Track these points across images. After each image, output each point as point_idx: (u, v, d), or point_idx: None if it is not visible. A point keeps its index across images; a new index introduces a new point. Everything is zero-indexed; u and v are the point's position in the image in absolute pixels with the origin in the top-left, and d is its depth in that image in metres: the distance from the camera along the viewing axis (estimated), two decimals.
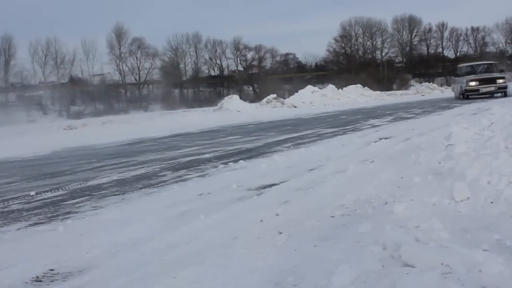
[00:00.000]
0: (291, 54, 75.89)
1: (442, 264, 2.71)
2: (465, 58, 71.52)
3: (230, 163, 7.88)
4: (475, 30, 72.40)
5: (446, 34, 73.80)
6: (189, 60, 71.94)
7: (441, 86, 55.45)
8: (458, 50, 74.41)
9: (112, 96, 66.09)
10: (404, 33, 73.76)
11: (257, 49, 72.08)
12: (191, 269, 3.22)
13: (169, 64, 71.11)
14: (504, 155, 4.39)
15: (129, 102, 66.64)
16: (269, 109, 31.41)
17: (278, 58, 74.66)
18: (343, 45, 74.16)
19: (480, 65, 29.02)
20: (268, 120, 20.45)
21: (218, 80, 72.52)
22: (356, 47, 74.00)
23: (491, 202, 3.98)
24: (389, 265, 2.89)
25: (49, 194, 6.50)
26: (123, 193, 6.13)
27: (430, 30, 73.76)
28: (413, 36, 73.97)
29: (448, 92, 39.69)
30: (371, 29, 73.05)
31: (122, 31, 68.19)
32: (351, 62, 71.08)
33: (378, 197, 4.70)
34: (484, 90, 24.94)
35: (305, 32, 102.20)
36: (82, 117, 49.26)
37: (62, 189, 6.81)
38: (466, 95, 25.47)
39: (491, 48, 72.81)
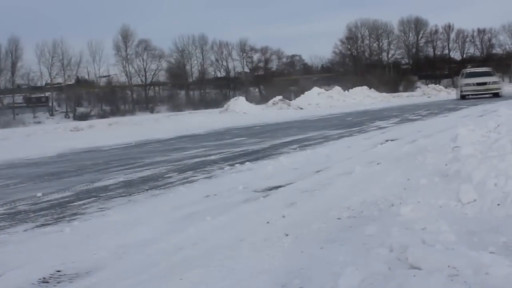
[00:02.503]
0: (297, 55, 75.99)
1: (448, 266, 2.71)
2: (471, 59, 71.49)
3: (236, 165, 7.88)
4: (481, 31, 72.33)
5: (452, 35, 73.77)
6: (195, 61, 72.11)
7: (447, 88, 55.25)
8: (465, 52, 74.28)
9: (119, 97, 66.21)
10: (411, 34, 73.76)
11: (263, 50, 72.20)
12: (197, 270, 3.23)
13: (175, 66, 71.28)
14: (511, 157, 4.38)
15: (135, 103, 66.79)
16: (275, 111, 31.44)
17: (284, 60, 74.78)
18: (349, 46, 74.19)
19: None
20: (274, 122, 20.45)
21: (224, 81, 72.58)
22: (362, 49, 74.02)
23: (498, 204, 3.98)
24: (395, 267, 2.88)
25: (56, 196, 6.52)
26: (130, 195, 6.14)
27: (436, 31, 73.75)
28: (419, 37, 73.93)
29: (455, 94, 39.43)
30: (377, 31, 73.05)
31: (129, 33, 68.40)
32: (357, 64, 71.05)
33: (384, 199, 4.69)
34: None
35: (311, 34, 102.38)
36: (88, 119, 49.39)
37: (69, 191, 6.82)
38: None
39: (497, 50, 72.65)
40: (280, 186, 5.93)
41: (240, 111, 30.33)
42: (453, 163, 4.99)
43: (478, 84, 30.14)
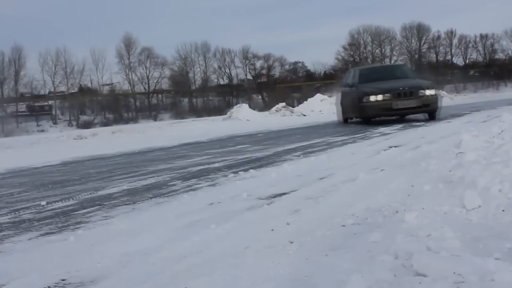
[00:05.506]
0: (299, 62, 76.16)
1: (454, 273, 2.70)
2: (474, 65, 71.55)
3: (240, 172, 7.87)
4: (483, 37, 72.37)
5: (455, 41, 73.86)
6: (198, 69, 72.35)
7: (450, 93, 55.20)
8: (467, 57, 74.34)
9: (122, 105, 66.41)
10: (413, 40, 73.83)
11: (266, 57, 72.39)
12: (202, 279, 3.22)
13: (178, 73, 71.49)
14: None
15: (139, 111, 67.00)
16: (278, 118, 31.47)
17: (287, 67, 74.93)
18: (351, 53, 74.29)
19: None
20: (278, 129, 20.45)
21: (227, 89, 72.70)
22: (365, 55, 74.04)
23: (503, 210, 3.97)
24: (401, 274, 2.87)
25: (60, 204, 6.52)
26: (134, 203, 6.14)
27: (439, 37, 73.86)
28: (421, 43, 74.02)
29: (458, 100, 39.47)
30: (380, 37, 73.14)
31: (131, 41, 68.76)
32: None
33: (388, 205, 4.68)
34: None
35: (314, 41, 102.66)
36: (91, 127, 49.49)
37: (73, 199, 6.83)
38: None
39: (500, 55, 72.72)
40: (284, 193, 5.92)
41: (243, 118, 30.39)
42: (457, 169, 4.98)
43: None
